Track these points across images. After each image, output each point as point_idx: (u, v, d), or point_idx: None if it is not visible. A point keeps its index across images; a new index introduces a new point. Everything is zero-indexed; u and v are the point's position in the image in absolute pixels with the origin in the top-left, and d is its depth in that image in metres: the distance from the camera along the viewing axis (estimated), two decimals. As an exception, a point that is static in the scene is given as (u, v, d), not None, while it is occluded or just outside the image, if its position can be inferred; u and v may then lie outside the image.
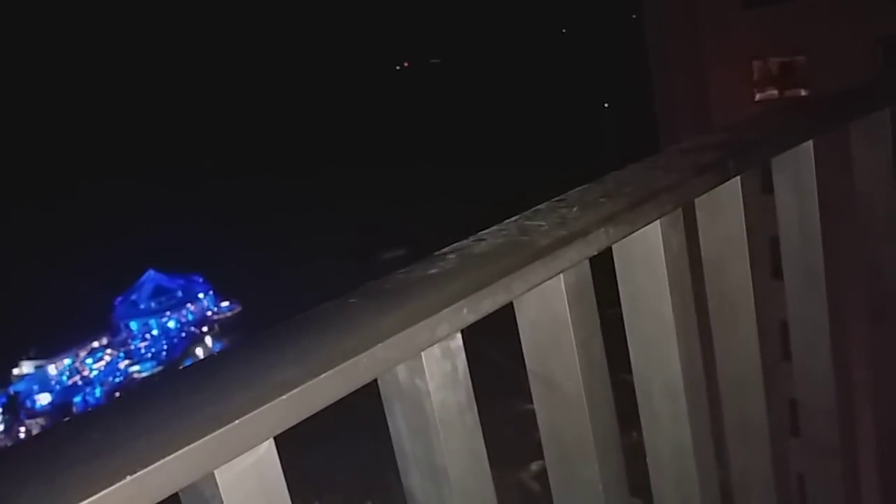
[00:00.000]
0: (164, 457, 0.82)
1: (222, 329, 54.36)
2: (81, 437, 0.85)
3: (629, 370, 1.53)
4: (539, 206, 1.41)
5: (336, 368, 0.97)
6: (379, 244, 52.70)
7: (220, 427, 0.86)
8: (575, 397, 1.38)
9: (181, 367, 1.00)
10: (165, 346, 53.28)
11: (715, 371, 1.77)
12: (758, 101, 19.81)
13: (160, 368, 50.31)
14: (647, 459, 1.65)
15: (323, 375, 0.95)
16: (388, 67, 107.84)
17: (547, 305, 1.36)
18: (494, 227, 1.33)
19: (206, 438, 0.85)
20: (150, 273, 56.46)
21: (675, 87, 21.33)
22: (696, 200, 1.64)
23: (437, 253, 1.24)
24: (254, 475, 0.93)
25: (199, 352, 51.88)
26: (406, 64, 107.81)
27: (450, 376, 1.16)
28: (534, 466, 28.69)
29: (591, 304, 1.39)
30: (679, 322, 1.53)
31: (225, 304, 56.28)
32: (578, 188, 1.48)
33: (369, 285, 1.15)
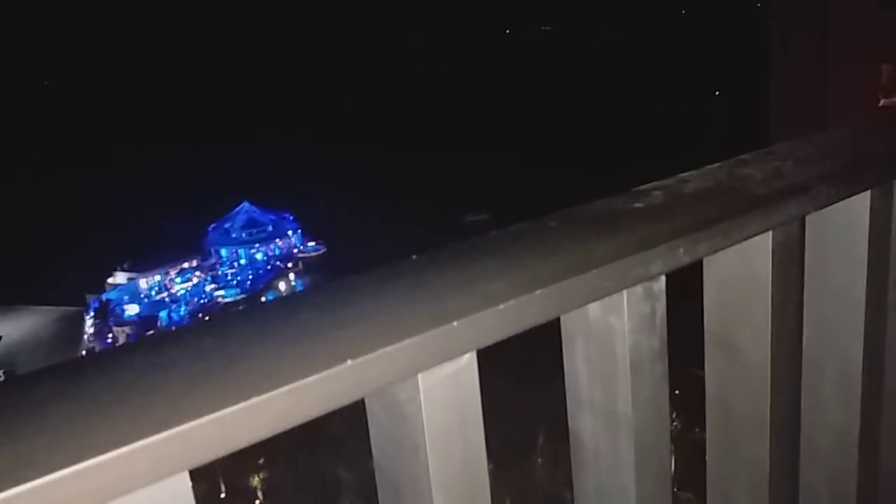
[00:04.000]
0: (375, 350, 0.78)
1: (306, 267, 55.73)
2: (294, 318, 0.82)
3: (701, 366, 1.35)
4: (744, 156, 1.29)
5: (548, 288, 0.90)
6: (464, 206, 52.81)
7: (431, 328, 0.81)
8: (758, 366, 1.26)
9: (391, 266, 0.94)
10: (251, 276, 54.92)
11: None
12: (882, 107, 18.82)
13: (243, 296, 51.95)
14: (801, 449, 1.47)
15: (535, 293, 0.89)
16: (496, 32, 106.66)
17: (746, 262, 1.23)
18: (696, 171, 1.21)
19: (415, 338, 0.80)
20: (245, 205, 58.17)
21: (793, 82, 20.43)
22: None
23: (638, 188, 1.15)
24: (453, 385, 0.88)
25: (282, 286, 53.30)
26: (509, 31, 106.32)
27: (648, 319, 1.07)
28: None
29: (797, 268, 1.28)
30: (870, 303, 1.37)
31: (311, 244, 57.55)
32: (787, 142, 1.35)
33: (569, 212, 1.07)
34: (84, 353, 36.48)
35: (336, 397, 0.75)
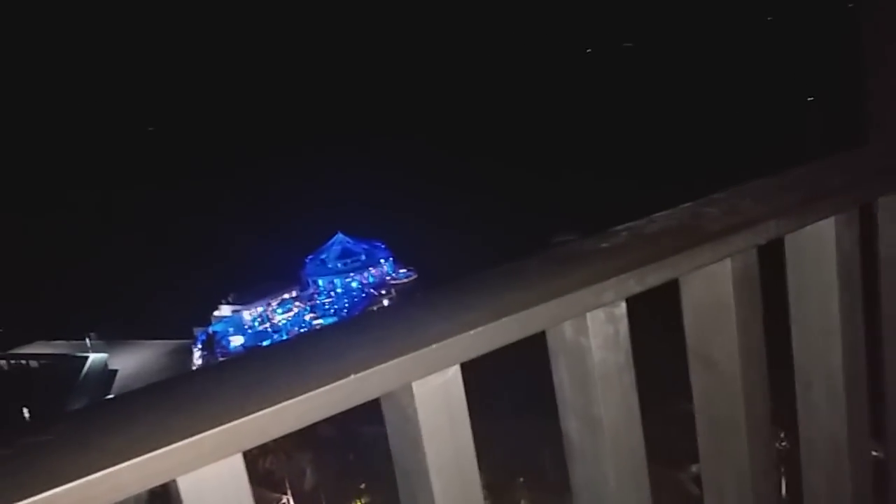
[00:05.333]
0: (378, 363, 1.06)
1: (398, 294, 56.63)
2: (318, 344, 1.15)
3: (690, 400, 1.56)
4: (715, 195, 1.48)
5: (513, 316, 1.15)
6: (551, 227, 52.64)
7: (419, 348, 1.09)
8: (731, 376, 1.44)
9: (394, 301, 1.43)
10: (347, 304, 56.02)
11: (883, 370, 1.77)
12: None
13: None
14: (801, 451, 1.67)
15: (502, 320, 1.15)
16: (577, 51, 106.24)
17: (712, 287, 1.42)
18: (667, 211, 1.43)
19: (408, 356, 1.08)
20: (339, 236, 59.67)
21: (891, 84, 19.79)
22: (880, 200, 1.64)
23: (611, 229, 1.37)
24: (442, 393, 1.14)
25: (377, 313, 53.98)
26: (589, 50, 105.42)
27: (612, 338, 1.28)
28: (694, 468, 27.84)
29: (755, 290, 1.44)
30: (845, 318, 1.55)
31: (403, 270, 58.45)
32: (757, 180, 1.54)
33: (549, 251, 1.32)
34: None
35: (342, 401, 1.03)
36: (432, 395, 1.12)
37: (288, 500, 31.29)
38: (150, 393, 1.05)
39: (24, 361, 52.41)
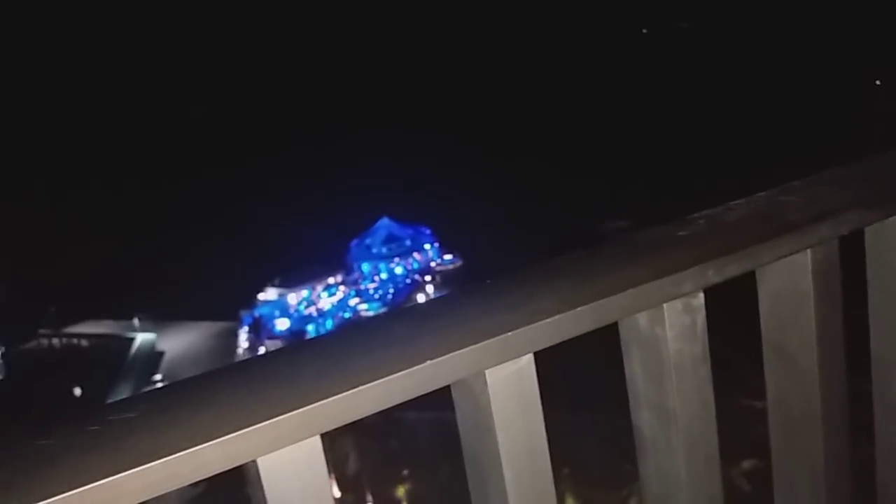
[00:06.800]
0: (452, 351, 1.05)
1: (443, 280, 56.49)
2: (393, 329, 1.13)
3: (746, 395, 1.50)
4: (793, 183, 1.44)
5: (588, 305, 1.13)
6: (601, 212, 51.84)
7: (492, 336, 1.07)
8: (807, 370, 1.42)
9: (466, 288, 1.25)
10: (392, 290, 56.28)
11: None
12: None
13: (384, 310, 53.19)
14: (876, 449, 1.63)
15: (577, 309, 1.12)
16: (634, 31, 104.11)
17: (791, 278, 1.38)
18: (743, 199, 1.40)
19: (481, 343, 1.07)
20: (385, 220, 59.75)
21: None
22: None
23: (688, 217, 1.33)
24: (515, 381, 1.12)
25: (421, 298, 54.18)
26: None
27: (688, 329, 1.25)
28: (745, 464, 27.36)
29: (835, 282, 1.40)
30: None
31: (448, 256, 58.31)
32: (835, 168, 1.51)
33: (623, 238, 1.30)
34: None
35: (417, 387, 1.02)
36: (505, 383, 1.12)
37: (331, 485, 31.44)
38: (231, 373, 1.07)
39: (74, 340, 53.49)
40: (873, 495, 1.66)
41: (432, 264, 58.50)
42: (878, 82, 64.46)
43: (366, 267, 57.71)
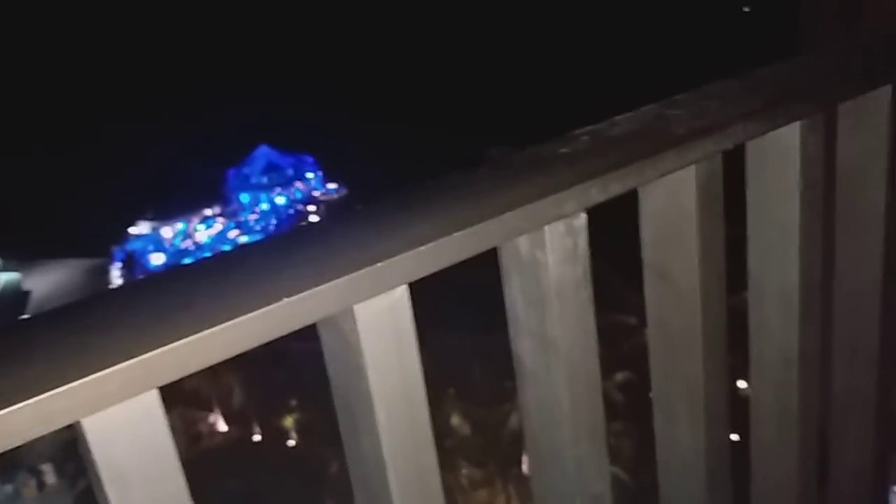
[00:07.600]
0: (315, 286, 0.94)
1: (328, 210, 55.70)
2: (246, 264, 0.99)
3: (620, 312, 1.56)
4: (680, 96, 1.39)
5: (464, 231, 1.04)
6: (487, 140, 52.10)
7: (361, 268, 0.97)
8: (688, 290, 1.39)
9: (333, 214, 1.19)
10: (274, 221, 55.08)
11: (832, 285, 1.72)
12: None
13: (266, 242, 52.12)
14: (750, 367, 1.65)
15: (454, 234, 1.04)
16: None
17: (674, 196, 1.35)
18: (630, 114, 1.33)
19: (349, 276, 0.96)
20: (263, 148, 57.91)
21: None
22: (840, 107, 1.57)
23: (572, 133, 1.26)
24: (387, 316, 1.04)
25: (304, 230, 53.36)
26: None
27: (570, 252, 1.20)
28: (619, 376, 28.94)
29: (718, 199, 1.38)
30: (804, 230, 1.49)
31: (332, 185, 57.41)
32: (719, 81, 1.47)
33: (500, 158, 1.23)
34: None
35: (274, 328, 0.92)
36: (377, 319, 1.04)
37: (216, 419, 30.95)
38: (51, 320, 0.91)
39: (-75, 282, 49.76)
40: (746, 411, 1.72)
41: (316, 193, 57.45)
42: (746, 9, 67.02)
43: (245, 197, 56.10)
